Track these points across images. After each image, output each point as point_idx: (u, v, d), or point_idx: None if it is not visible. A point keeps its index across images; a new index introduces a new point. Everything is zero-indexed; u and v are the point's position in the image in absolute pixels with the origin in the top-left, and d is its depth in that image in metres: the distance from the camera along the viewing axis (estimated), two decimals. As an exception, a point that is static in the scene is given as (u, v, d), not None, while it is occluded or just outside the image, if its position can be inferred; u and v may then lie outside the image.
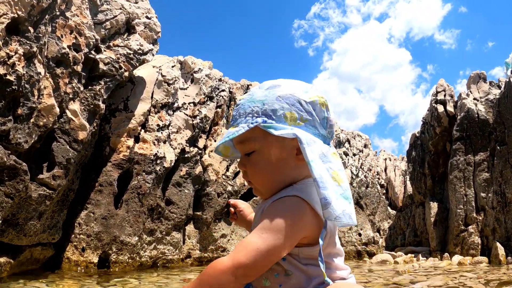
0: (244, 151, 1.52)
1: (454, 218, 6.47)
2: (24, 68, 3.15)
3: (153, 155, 4.82)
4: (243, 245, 1.34)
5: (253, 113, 1.48)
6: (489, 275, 4.18)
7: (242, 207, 2.03)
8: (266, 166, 1.50)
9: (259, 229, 1.38)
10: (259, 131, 1.46)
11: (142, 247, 4.59)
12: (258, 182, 1.52)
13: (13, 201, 3.07)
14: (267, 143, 1.48)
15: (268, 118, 1.47)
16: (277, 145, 1.49)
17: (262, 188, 1.54)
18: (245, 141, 1.48)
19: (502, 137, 6.18)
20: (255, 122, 1.46)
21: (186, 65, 5.99)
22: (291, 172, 1.53)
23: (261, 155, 1.49)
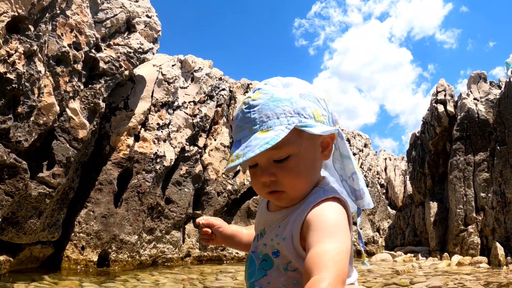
0: (275, 158, 1.37)
1: (454, 218, 6.46)
2: (24, 67, 3.14)
3: (153, 154, 4.82)
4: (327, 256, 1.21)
5: (285, 113, 1.37)
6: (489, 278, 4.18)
7: (218, 223, 1.91)
8: (305, 170, 1.40)
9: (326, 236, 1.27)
10: (294, 132, 1.34)
11: (142, 246, 4.59)
12: (294, 188, 1.40)
13: (13, 199, 3.07)
14: (303, 144, 1.38)
15: (301, 117, 1.38)
16: (310, 145, 1.40)
17: (296, 195, 1.42)
18: (282, 146, 1.34)
19: (502, 137, 6.17)
20: (292, 122, 1.34)
21: (187, 64, 5.99)
22: (318, 171, 1.49)
23: (299, 158, 1.38)
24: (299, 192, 1.41)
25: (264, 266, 1.43)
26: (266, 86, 1.43)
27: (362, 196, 1.48)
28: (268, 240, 1.49)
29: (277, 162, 1.36)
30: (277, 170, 1.36)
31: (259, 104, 1.37)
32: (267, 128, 1.33)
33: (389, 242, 8.88)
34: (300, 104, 1.38)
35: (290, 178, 1.36)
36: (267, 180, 1.37)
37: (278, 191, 1.39)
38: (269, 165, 1.36)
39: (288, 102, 1.37)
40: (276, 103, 1.37)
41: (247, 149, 1.30)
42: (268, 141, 1.29)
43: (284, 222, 1.42)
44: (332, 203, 1.37)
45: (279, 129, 1.32)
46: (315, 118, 1.40)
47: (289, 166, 1.36)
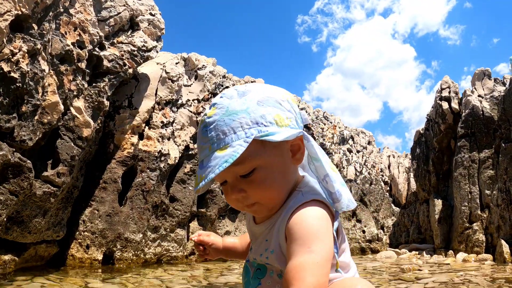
0: (242, 173, 1.32)
1: (459, 216, 6.44)
2: (28, 65, 3.14)
3: (157, 152, 4.82)
4: (301, 267, 1.20)
5: (242, 126, 1.30)
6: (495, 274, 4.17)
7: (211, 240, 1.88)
8: (274, 180, 1.35)
9: (303, 245, 1.25)
10: (256, 143, 1.29)
11: (147, 244, 4.59)
12: (267, 200, 1.36)
13: (18, 198, 3.08)
14: (268, 154, 1.34)
15: (260, 126, 1.32)
16: (276, 153, 1.36)
17: (271, 205, 1.38)
18: (244, 161, 1.29)
19: (507, 134, 6.14)
20: (250, 134, 1.29)
21: (190, 61, 5.98)
22: (292, 176, 1.44)
23: (266, 169, 1.33)
24: (273, 202, 1.37)
25: (258, 275, 1.43)
26: (221, 100, 1.37)
27: (338, 199, 1.43)
28: (258, 255, 1.45)
29: (244, 177, 1.31)
30: (245, 185, 1.32)
31: (215, 121, 1.32)
32: (225, 145, 1.28)
33: (393, 240, 8.85)
34: (258, 112, 1.33)
35: (260, 191, 1.32)
36: (238, 197, 1.33)
37: (251, 204, 1.35)
38: (236, 181, 1.32)
39: (244, 113, 1.32)
40: (232, 117, 1.31)
41: (208, 170, 1.26)
42: (227, 159, 1.24)
43: (270, 235, 1.40)
44: (310, 208, 1.33)
45: (237, 144, 1.27)
46: (277, 123, 1.35)
47: (256, 180, 1.31)
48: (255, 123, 1.30)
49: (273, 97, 1.39)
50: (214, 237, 1.90)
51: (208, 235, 1.91)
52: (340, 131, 9.38)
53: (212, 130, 1.31)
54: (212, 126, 1.31)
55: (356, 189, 8.57)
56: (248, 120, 1.30)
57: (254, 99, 1.35)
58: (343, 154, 8.87)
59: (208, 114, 1.33)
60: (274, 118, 1.34)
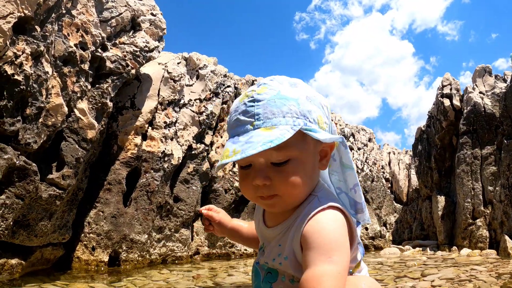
0: (274, 160, 1.27)
1: (462, 212, 6.45)
2: (32, 68, 3.13)
3: (161, 153, 4.81)
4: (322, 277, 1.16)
5: (291, 113, 1.26)
6: (500, 269, 4.18)
7: (219, 217, 1.84)
8: (303, 177, 1.30)
9: (323, 254, 1.21)
10: (298, 135, 1.25)
11: (152, 245, 4.59)
12: (289, 195, 1.31)
13: (24, 202, 3.07)
14: (306, 149, 1.30)
15: (306, 120, 1.28)
16: (311, 152, 1.33)
17: (290, 202, 1.33)
18: (284, 148, 1.24)
19: (509, 130, 6.14)
20: (298, 124, 1.25)
21: (191, 61, 5.97)
22: (316, 179, 1.40)
23: (299, 163, 1.28)
24: (293, 200, 1.33)
25: (269, 279, 1.39)
26: (272, 82, 1.33)
27: (363, 210, 1.43)
28: (270, 260, 1.40)
29: (275, 165, 1.27)
30: (274, 173, 1.27)
31: (265, 99, 1.27)
32: (272, 126, 1.22)
33: (396, 236, 8.87)
34: (306, 106, 1.30)
35: (286, 184, 1.27)
36: (261, 183, 1.27)
37: (271, 196, 1.30)
38: (265, 167, 1.27)
39: (295, 102, 1.28)
40: (283, 101, 1.27)
41: (247, 145, 1.19)
42: (272, 140, 1.18)
43: (283, 239, 1.36)
44: (328, 214, 1.29)
45: (284, 128, 1.22)
46: (319, 124, 1.32)
47: (287, 171, 1.26)
48: (303, 115, 1.28)
49: (318, 99, 1.38)
50: (223, 215, 1.88)
51: (218, 212, 1.89)
52: (341, 129, 9.38)
53: (261, 106, 1.26)
54: (261, 103, 1.26)
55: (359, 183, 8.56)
56: (297, 109, 1.27)
57: (304, 93, 1.33)
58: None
59: (258, 91, 1.30)
60: (317, 118, 1.32)
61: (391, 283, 3.46)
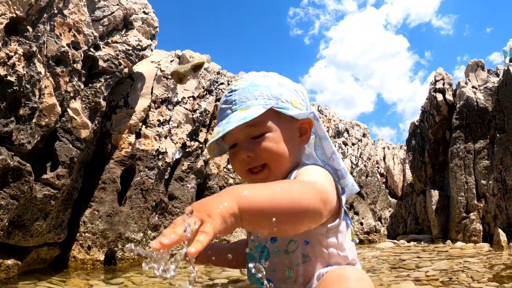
0: (253, 134, 1.50)
1: (456, 206, 6.50)
2: (25, 68, 3.13)
3: (155, 151, 4.82)
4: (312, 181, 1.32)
5: (263, 96, 1.50)
6: (492, 260, 4.22)
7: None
8: (281, 145, 1.50)
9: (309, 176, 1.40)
10: (272, 113, 1.49)
11: (147, 243, 4.60)
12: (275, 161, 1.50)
13: (19, 202, 3.07)
14: (280, 125, 1.52)
15: (278, 101, 1.51)
16: (287, 127, 1.54)
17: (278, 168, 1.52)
18: (258, 124, 1.47)
19: (501, 124, 6.19)
20: (269, 104, 1.48)
21: (184, 59, 5.98)
22: (297, 154, 1.61)
23: (276, 136, 1.49)
24: (280, 165, 1.53)
25: (264, 258, 1.54)
26: (247, 76, 1.62)
27: (344, 176, 1.62)
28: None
29: (254, 139, 1.49)
30: (255, 146, 1.49)
31: (239, 88, 1.54)
32: (246, 107, 1.47)
33: (391, 231, 8.91)
34: (277, 90, 1.54)
35: (268, 151, 1.49)
36: (245, 157, 1.50)
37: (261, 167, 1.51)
38: (247, 142, 1.50)
39: (266, 88, 1.53)
40: (255, 88, 1.53)
41: (227, 125, 1.44)
42: (245, 117, 1.41)
43: None
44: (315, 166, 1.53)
45: (256, 108, 1.46)
46: (292, 104, 1.56)
47: (265, 141, 1.49)
48: (274, 97, 1.52)
49: (290, 85, 1.61)
50: None
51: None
52: (335, 124, 9.41)
53: (236, 94, 1.52)
54: (236, 91, 1.53)
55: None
56: (268, 93, 1.52)
57: (275, 81, 1.58)
58: (339, 147, 8.91)
59: (235, 83, 1.58)
60: (290, 99, 1.55)
61: (386, 272, 3.50)
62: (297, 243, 1.46)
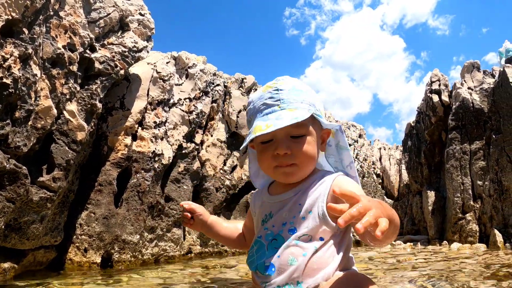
0: (293, 134, 1.62)
1: (452, 207, 6.50)
2: (20, 71, 3.12)
3: (151, 153, 4.81)
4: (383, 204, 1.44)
5: (305, 101, 1.64)
6: (489, 260, 4.24)
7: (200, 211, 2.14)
8: (313, 149, 1.66)
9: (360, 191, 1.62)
10: (311, 118, 1.63)
11: (144, 245, 4.60)
12: (305, 163, 1.65)
13: (15, 205, 3.06)
14: (315, 130, 1.68)
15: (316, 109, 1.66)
16: (317, 134, 1.69)
17: (304, 169, 1.67)
18: (300, 125, 1.60)
19: (497, 126, 6.20)
20: (312, 110, 1.63)
21: (180, 60, 5.97)
22: (318, 157, 1.76)
23: (311, 139, 1.64)
24: (307, 168, 1.68)
25: (275, 245, 1.64)
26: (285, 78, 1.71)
27: (358, 183, 1.82)
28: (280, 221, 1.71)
29: (293, 138, 1.61)
30: (293, 144, 1.61)
31: (286, 89, 1.65)
32: (294, 108, 1.60)
33: (387, 232, 8.91)
34: (313, 99, 1.69)
35: (303, 153, 1.62)
36: (283, 152, 1.60)
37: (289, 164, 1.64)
38: (286, 140, 1.61)
39: (306, 95, 1.67)
40: (299, 92, 1.66)
41: (278, 121, 1.55)
42: (297, 117, 1.54)
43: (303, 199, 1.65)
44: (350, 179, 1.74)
45: (303, 110, 1.60)
46: (321, 113, 1.71)
47: (303, 142, 1.62)
48: (312, 104, 1.67)
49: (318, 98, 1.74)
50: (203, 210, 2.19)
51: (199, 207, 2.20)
52: (332, 125, 9.40)
53: (284, 93, 1.63)
54: (284, 91, 1.64)
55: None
56: (309, 100, 1.67)
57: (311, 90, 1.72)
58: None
59: (279, 83, 1.68)
60: (321, 108, 1.72)
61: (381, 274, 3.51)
62: (310, 237, 1.59)
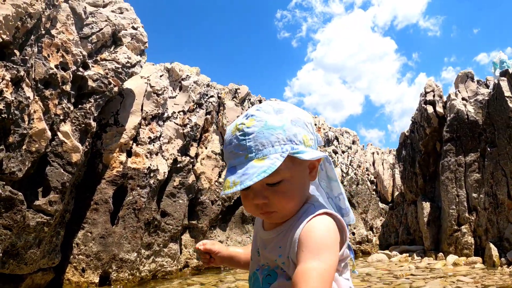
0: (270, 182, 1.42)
1: (447, 218, 6.50)
2: (13, 94, 3.07)
3: (146, 169, 4.77)
4: (308, 272, 1.28)
5: (279, 141, 1.42)
6: (485, 280, 4.23)
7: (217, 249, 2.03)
8: (295, 192, 1.46)
9: (313, 252, 1.34)
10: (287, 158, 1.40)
11: (141, 262, 4.55)
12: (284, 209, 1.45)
13: (12, 232, 3.02)
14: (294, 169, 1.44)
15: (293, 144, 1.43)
16: (300, 169, 1.46)
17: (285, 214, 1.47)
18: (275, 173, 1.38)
19: (492, 138, 6.20)
20: (285, 150, 1.41)
21: (174, 72, 5.92)
22: (307, 190, 1.55)
23: (291, 182, 1.43)
24: (289, 212, 1.47)
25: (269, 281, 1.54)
26: (259, 113, 1.46)
27: (348, 214, 1.57)
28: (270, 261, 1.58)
29: (269, 186, 1.41)
30: (269, 193, 1.41)
31: (254, 132, 1.41)
32: (263, 157, 1.38)
33: (383, 241, 8.91)
34: (292, 131, 1.44)
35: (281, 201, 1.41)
36: (260, 203, 1.41)
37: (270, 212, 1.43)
38: (262, 188, 1.41)
39: (281, 130, 1.43)
40: (270, 131, 1.42)
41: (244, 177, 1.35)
42: (265, 170, 1.33)
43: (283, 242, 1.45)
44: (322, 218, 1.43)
45: (274, 157, 1.37)
46: (304, 143, 1.46)
47: (281, 190, 1.41)
48: (289, 140, 1.43)
49: (302, 119, 1.51)
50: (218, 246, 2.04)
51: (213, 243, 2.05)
52: (325, 133, 9.41)
53: (251, 140, 1.41)
54: (251, 136, 1.41)
55: (344, 191, 8.61)
56: (284, 136, 1.43)
57: (289, 118, 1.47)
58: (329, 156, 8.90)
59: (247, 124, 1.44)
60: (302, 138, 1.46)
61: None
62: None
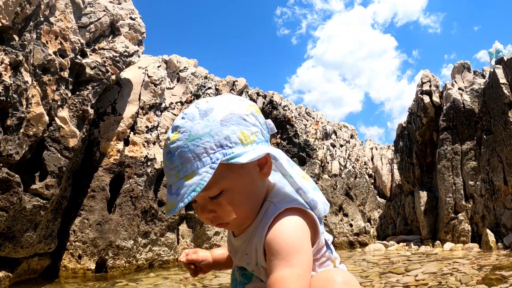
0: (210, 195, 1.33)
1: (444, 207, 6.55)
2: (11, 78, 3.10)
3: (144, 157, 4.79)
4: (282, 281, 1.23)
5: (207, 151, 1.28)
6: (481, 261, 4.26)
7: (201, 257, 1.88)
8: (242, 200, 1.36)
9: (283, 259, 1.28)
10: (222, 167, 1.28)
11: (138, 250, 4.58)
12: (236, 219, 1.38)
13: (8, 214, 3.04)
14: (235, 175, 1.34)
15: (225, 149, 1.30)
16: (243, 172, 1.36)
17: (240, 223, 1.41)
18: (211, 186, 1.29)
19: (488, 126, 6.25)
20: (216, 159, 1.27)
21: (172, 64, 5.95)
22: (261, 190, 1.45)
23: (233, 191, 1.34)
24: (242, 220, 1.39)
25: (245, 280, 1.47)
26: (183, 122, 1.33)
27: (315, 206, 1.46)
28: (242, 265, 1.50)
29: (212, 199, 1.32)
30: (214, 206, 1.33)
31: (178, 147, 1.28)
32: (192, 173, 1.27)
33: (381, 232, 8.95)
34: (222, 134, 1.31)
35: (228, 212, 1.34)
36: (209, 216, 1.34)
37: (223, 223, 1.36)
38: (206, 202, 1.33)
39: (208, 137, 1.29)
40: (195, 142, 1.28)
41: (177, 198, 1.25)
42: (194, 188, 1.24)
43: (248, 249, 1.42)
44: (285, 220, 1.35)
45: (203, 171, 1.26)
46: (242, 142, 1.33)
47: (224, 201, 1.32)
48: (220, 146, 1.29)
49: (237, 113, 1.36)
50: (202, 253, 1.88)
51: (195, 252, 1.89)
52: (323, 126, 9.44)
53: (177, 157, 1.28)
54: (176, 152, 1.28)
55: (342, 184, 8.65)
56: (212, 144, 1.28)
57: (217, 119, 1.32)
58: (327, 149, 8.94)
59: (171, 139, 1.30)
60: (238, 137, 1.32)
61: (376, 278, 3.52)
62: None
